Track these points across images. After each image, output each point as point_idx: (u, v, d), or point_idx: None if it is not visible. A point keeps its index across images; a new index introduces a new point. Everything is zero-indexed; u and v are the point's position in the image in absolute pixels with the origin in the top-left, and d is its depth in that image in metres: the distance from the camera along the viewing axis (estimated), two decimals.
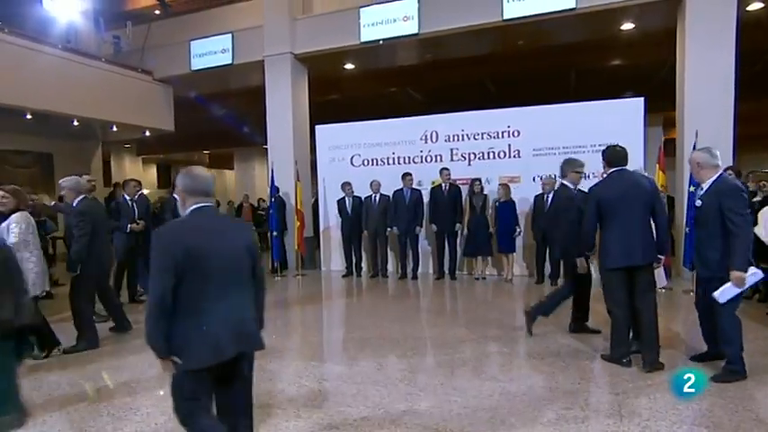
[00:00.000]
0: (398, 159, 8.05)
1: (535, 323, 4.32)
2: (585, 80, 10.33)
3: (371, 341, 4.40)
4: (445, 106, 8.41)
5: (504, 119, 7.51)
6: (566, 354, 3.85)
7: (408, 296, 6.58)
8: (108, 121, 9.51)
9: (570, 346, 4.05)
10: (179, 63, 9.79)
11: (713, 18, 6.60)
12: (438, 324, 4.87)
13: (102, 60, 9.30)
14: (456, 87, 11.00)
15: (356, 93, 11.52)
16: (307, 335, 4.81)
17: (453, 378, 3.42)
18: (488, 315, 5.26)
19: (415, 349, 4.11)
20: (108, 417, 2.93)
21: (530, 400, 2.99)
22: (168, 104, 10.35)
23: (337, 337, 4.77)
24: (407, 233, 7.46)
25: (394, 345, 4.24)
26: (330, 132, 8.54)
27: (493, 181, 7.42)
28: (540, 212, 6.70)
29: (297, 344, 4.44)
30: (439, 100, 11.34)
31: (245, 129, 12.68)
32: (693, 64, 6.74)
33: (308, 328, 5.11)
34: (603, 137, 6.92)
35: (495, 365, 3.69)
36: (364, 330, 5.03)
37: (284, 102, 8.95)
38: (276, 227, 8.06)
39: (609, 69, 10.25)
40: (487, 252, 7.12)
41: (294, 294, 7.05)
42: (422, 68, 10.13)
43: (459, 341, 4.27)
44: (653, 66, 9.06)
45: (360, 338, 4.60)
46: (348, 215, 7.86)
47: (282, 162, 8.74)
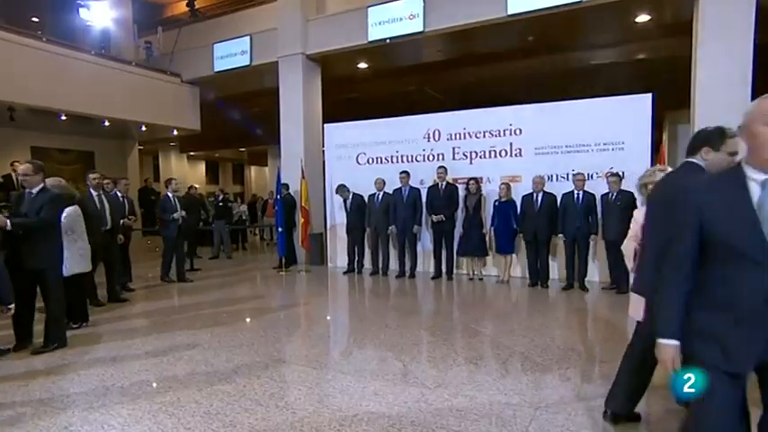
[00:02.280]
0: (402, 158, 7.97)
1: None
2: (600, 76, 9.77)
3: (322, 338, 4.40)
4: (464, 104, 8.22)
5: (505, 117, 7.25)
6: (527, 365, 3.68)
7: (390, 295, 6.54)
8: (137, 122, 9.98)
9: (522, 353, 3.86)
10: (204, 65, 10.14)
11: (730, 7, 6.04)
12: (400, 325, 4.77)
13: (133, 65, 9.77)
14: (473, 86, 10.73)
15: (373, 92, 11.48)
16: (269, 334, 4.86)
17: (373, 382, 3.34)
18: (461, 318, 5.13)
19: (358, 348, 4.07)
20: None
21: (452, 412, 2.87)
22: (195, 105, 10.75)
23: (294, 334, 4.78)
24: (405, 231, 7.38)
25: (336, 344, 4.23)
26: (338, 131, 8.58)
27: (494, 180, 7.20)
28: (531, 213, 6.43)
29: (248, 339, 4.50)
30: (458, 98, 11.12)
31: (270, 127, 12.96)
32: (707, 57, 6.20)
33: (273, 327, 5.16)
34: (608, 135, 6.62)
35: (434, 371, 3.57)
36: (320, 327, 5.03)
37: (296, 101, 9.06)
38: (281, 223, 8.19)
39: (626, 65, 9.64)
40: (481, 252, 6.92)
41: (283, 289, 7.16)
42: (437, 66, 9.95)
43: (412, 343, 4.18)
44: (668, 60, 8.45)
45: (313, 335, 4.60)
46: (349, 212, 7.87)
47: (293, 160, 8.87)
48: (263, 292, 6.84)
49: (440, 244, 7.28)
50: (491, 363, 3.69)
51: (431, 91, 11.56)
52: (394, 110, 8.62)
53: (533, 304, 5.72)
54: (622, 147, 6.54)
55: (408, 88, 11.33)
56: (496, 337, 4.44)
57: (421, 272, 7.64)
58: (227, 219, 10.62)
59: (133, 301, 6.05)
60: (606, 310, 5.46)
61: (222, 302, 6.00)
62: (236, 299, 6.27)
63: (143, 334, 4.60)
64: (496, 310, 5.65)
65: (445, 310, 5.62)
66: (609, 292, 6.11)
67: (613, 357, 3.69)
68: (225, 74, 10.03)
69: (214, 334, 4.55)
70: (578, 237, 6.19)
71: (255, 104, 12.05)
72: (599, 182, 6.46)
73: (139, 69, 9.83)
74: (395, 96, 11.49)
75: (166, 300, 6.25)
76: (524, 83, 10.43)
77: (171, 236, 7.22)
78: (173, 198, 7.19)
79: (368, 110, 9.79)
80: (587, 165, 6.63)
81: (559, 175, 6.85)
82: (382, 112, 8.49)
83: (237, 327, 4.81)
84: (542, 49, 9.05)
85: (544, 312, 5.31)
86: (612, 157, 6.55)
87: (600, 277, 6.68)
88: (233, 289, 6.96)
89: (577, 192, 6.23)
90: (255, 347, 4.13)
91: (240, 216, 12.47)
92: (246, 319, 5.20)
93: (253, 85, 10.81)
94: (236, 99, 11.82)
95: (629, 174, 6.31)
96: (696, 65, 6.36)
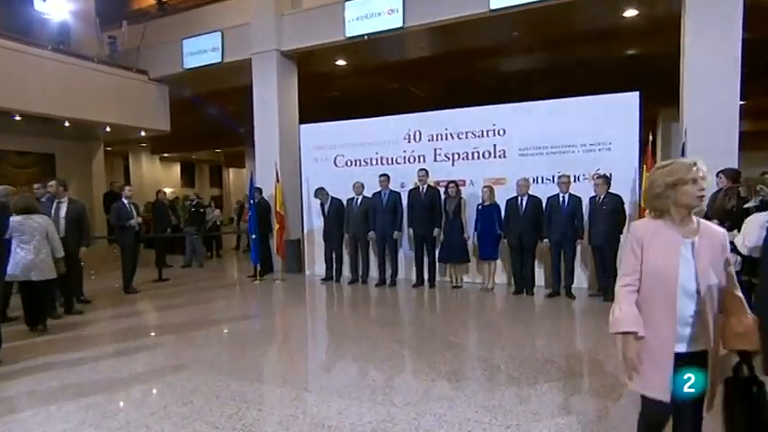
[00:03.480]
0: (381, 160, 7.96)
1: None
2: (592, 73, 9.88)
3: (289, 353, 4.37)
4: (449, 103, 8.24)
5: (489, 117, 7.27)
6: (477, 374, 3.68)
7: (368, 305, 6.54)
8: (101, 123, 9.84)
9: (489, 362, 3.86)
10: (173, 62, 10.03)
11: (717, 1, 6.14)
12: (374, 338, 4.75)
13: (96, 61, 9.63)
14: (458, 83, 10.78)
15: (352, 90, 11.48)
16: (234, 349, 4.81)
17: (338, 400, 3.31)
18: (440, 329, 5.11)
19: (327, 364, 4.04)
20: None
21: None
22: (163, 104, 10.63)
23: (261, 349, 4.74)
24: (385, 237, 7.37)
25: (303, 359, 4.22)
26: (315, 132, 8.54)
27: (477, 183, 7.22)
28: (515, 217, 6.46)
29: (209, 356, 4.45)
30: (442, 97, 11.17)
31: (247, 128, 12.90)
32: (695, 52, 6.29)
33: (239, 341, 5.10)
34: (594, 135, 6.69)
35: (404, 387, 3.55)
36: (289, 341, 5.00)
37: (270, 101, 9.01)
38: (255, 229, 8.13)
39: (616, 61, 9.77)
40: (461, 258, 6.94)
41: (254, 300, 7.13)
42: (420, 63, 9.97)
43: (385, 357, 4.16)
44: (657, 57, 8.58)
45: (280, 349, 4.57)
46: (327, 217, 7.84)
47: (268, 162, 8.82)
48: (232, 303, 6.78)
49: (421, 250, 7.27)
50: (465, 378, 3.68)
51: (414, 89, 11.59)
52: (375, 109, 8.63)
53: (516, 313, 5.73)
54: (609, 147, 6.60)
55: (390, 86, 11.35)
56: (474, 349, 4.44)
57: (402, 279, 7.63)
58: (199, 225, 10.52)
59: (89, 314, 5.96)
60: (592, 319, 5.48)
61: (188, 315, 5.93)
62: (203, 311, 6.20)
63: (96, 349, 4.53)
64: (477, 319, 5.66)
65: (423, 321, 5.61)
66: (596, 300, 6.15)
67: (595, 370, 3.73)
68: (195, 71, 9.93)
69: (175, 350, 4.49)
70: (564, 242, 6.22)
71: (230, 103, 11.98)
72: (586, 184, 6.51)
73: (102, 66, 9.69)
74: (376, 95, 11.51)
75: (125, 312, 6.17)
76: (510, 81, 10.53)
77: (129, 244, 7.21)
78: (128, 204, 7.19)
79: (347, 109, 9.80)
80: (573, 166, 6.68)
81: (545, 178, 6.89)
82: (363, 112, 8.49)
83: (201, 341, 4.75)
84: (528, 46, 9.12)
85: (527, 322, 5.33)
86: (599, 158, 6.61)
87: (587, 284, 6.73)
88: (201, 300, 6.89)
89: (563, 195, 6.27)
90: (218, 364, 4.08)
91: (214, 222, 12.37)
92: (212, 332, 5.13)
93: (226, 83, 10.73)
94: (209, 98, 11.73)
95: (617, 176, 6.38)
96: (684, 60, 6.45)
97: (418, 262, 7.32)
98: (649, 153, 6.03)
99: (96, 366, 4.07)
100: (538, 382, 3.53)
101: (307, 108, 9.55)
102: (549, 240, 6.31)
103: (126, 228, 7.11)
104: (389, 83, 11.33)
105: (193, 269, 9.92)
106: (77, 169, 11.28)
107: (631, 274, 1.97)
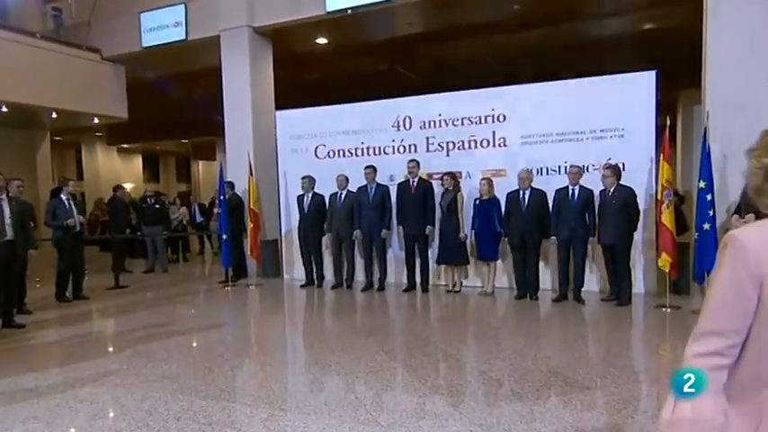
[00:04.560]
0: (367, 150, 7.94)
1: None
2: (603, 51, 9.91)
3: (263, 367, 4.30)
4: (443, 86, 8.21)
5: (487, 101, 7.25)
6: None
7: (352, 312, 6.51)
8: (45, 108, 9.66)
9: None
10: (130, 39, 9.90)
11: None
12: (359, 348, 4.70)
13: (38, 36, 9.42)
14: (452, 64, 10.75)
15: (335, 72, 11.45)
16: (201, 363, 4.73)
17: (316, 420, 3.25)
18: (433, 338, 5.09)
19: (306, 378, 3.99)
20: None
21: None
22: (119, 87, 10.48)
23: (230, 363, 4.67)
24: (372, 236, 7.33)
25: (279, 373, 4.18)
26: (293, 119, 8.50)
27: (475, 175, 7.20)
28: (517, 213, 6.45)
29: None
30: (435, 79, 11.14)
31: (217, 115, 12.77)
32: (719, 26, 6.25)
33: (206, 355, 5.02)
34: (605, 120, 6.68)
35: (391, 403, 3.50)
36: (263, 353, 4.95)
37: (242, 84, 8.93)
38: (226, 229, 8.03)
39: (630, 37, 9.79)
40: (460, 260, 6.92)
41: (225, 308, 7.07)
42: (410, 41, 9.94)
43: (371, 371, 4.11)
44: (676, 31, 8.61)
45: (253, 363, 4.50)
46: (305, 214, 7.78)
47: (240, 153, 8.72)
48: (200, 312, 6.71)
49: (412, 251, 7.26)
50: (461, 393, 3.64)
51: (403, 70, 11.57)
52: (360, 93, 8.59)
53: (519, 320, 5.72)
54: (622, 134, 6.60)
55: (377, 68, 11.33)
56: (470, 360, 4.41)
57: (392, 283, 7.62)
58: (163, 224, 10.38)
59: (31, 326, 5.84)
60: (603, 325, 5.49)
61: (147, 325, 5.84)
62: (166, 321, 6.10)
63: (38, 367, 4.42)
64: (475, 327, 5.65)
65: (415, 329, 5.57)
66: (608, 305, 6.15)
67: (607, 383, 3.71)
68: (156, 50, 9.81)
69: (131, 365, 4.40)
70: (573, 240, 6.21)
71: (198, 87, 11.85)
72: (595, 175, 6.51)
73: (46, 43, 9.48)
74: (361, 77, 11.45)
75: (74, 323, 6.07)
76: (510, 61, 10.51)
77: (65, 246, 7.07)
78: (67, 201, 7.07)
79: (329, 94, 9.73)
80: (582, 155, 6.67)
81: (549, 168, 6.89)
82: (346, 97, 8.45)
83: (162, 356, 4.66)
84: (531, 21, 9.10)
85: (530, 330, 5.32)
86: (611, 147, 6.61)
87: (599, 287, 6.74)
88: (164, 309, 6.80)
89: (573, 187, 6.25)
90: (181, 381, 4.00)
91: (180, 221, 12.24)
92: (175, 345, 5.05)
93: (192, 64, 10.63)
94: (174, 80, 11.57)
95: (631, 166, 6.41)
96: (707, 34, 6.39)
97: (409, 264, 7.31)
98: (667, 140, 6.01)
99: (36, 387, 3.96)
100: (542, 397, 3.50)
101: (284, 92, 9.47)
102: (556, 238, 6.30)
103: (63, 228, 6.97)
104: (376, 64, 11.30)
105: (156, 275, 9.81)
106: (19, 161, 11.07)
107: (727, 336, 1.16)
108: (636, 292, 6.36)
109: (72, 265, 7.24)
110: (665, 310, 5.77)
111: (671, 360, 4.35)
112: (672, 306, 5.78)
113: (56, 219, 6.99)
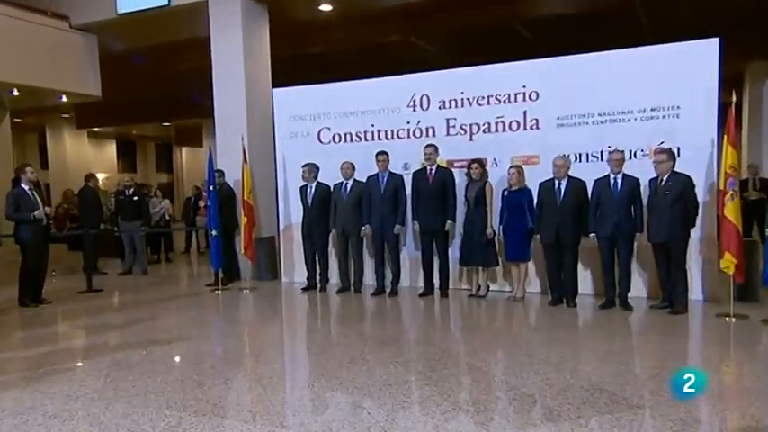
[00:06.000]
0: (379, 134, 8.01)
1: None
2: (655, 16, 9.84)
3: (260, 381, 4.35)
4: (465, 60, 8.19)
5: (517, 76, 7.27)
6: None
7: (362, 319, 6.55)
8: (5, 84, 9.70)
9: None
10: (103, 4, 9.96)
11: None
12: (371, 360, 4.75)
13: None
14: (476, 34, 10.74)
15: (341, 44, 11.51)
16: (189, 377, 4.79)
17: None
18: (455, 349, 5.14)
19: (309, 393, 4.03)
20: None
21: None
22: (92, 60, 10.54)
23: (223, 377, 4.72)
24: (383, 233, 7.37)
25: (278, 387, 4.25)
26: (292, 98, 8.57)
27: (503, 162, 7.23)
28: (551, 206, 6.46)
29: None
30: (456, 51, 11.14)
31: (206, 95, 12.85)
32: None
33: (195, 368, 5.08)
34: (657, 98, 6.68)
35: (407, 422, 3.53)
36: (260, 365, 4.99)
37: (234, 57, 8.99)
38: (216, 224, 8.10)
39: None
40: (487, 260, 6.95)
41: (215, 316, 7.13)
42: (428, 8, 9.96)
43: (384, 384, 4.14)
44: None
45: (250, 376, 4.55)
46: (309, 207, 7.84)
47: (232, 138, 8.79)
48: (187, 320, 6.76)
49: (430, 250, 7.28)
50: (489, 410, 3.65)
51: (419, 42, 11.57)
52: (369, 69, 8.61)
53: (554, 329, 5.73)
54: (677, 113, 6.57)
55: (389, 39, 11.33)
56: (499, 373, 4.43)
57: (406, 287, 7.68)
58: (143, 219, 10.47)
59: None
60: (654, 336, 5.48)
61: (127, 334, 5.91)
62: (147, 329, 6.18)
63: (2, 383, 4.48)
64: (504, 337, 5.68)
65: (434, 339, 5.61)
66: (659, 313, 6.14)
67: (656, 402, 3.70)
68: (134, 17, 9.85)
69: (109, 378, 4.46)
70: (618, 237, 6.20)
71: (181, 61, 11.96)
72: (645, 162, 6.49)
73: (4, 7, 9.49)
74: (370, 50, 11.47)
75: (41, 331, 6.13)
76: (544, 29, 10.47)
77: (32, 243, 7.13)
78: (30, 191, 7.14)
79: (334, 69, 9.81)
80: (628, 139, 6.67)
81: (590, 155, 6.89)
82: (353, 73, 8.51)
83: (145, 367, 4.72)
84: None
85: (568, 340, 5.34)
86: (664, 128, 6.58)
87: (649, 292, 6.73)
88: (145, 316, 6.87)
89: (615, 176, 6.24)
90: (167, 395, 4.06)
91: (163, 215, 12.34)
92: (159, 356, 5.11)
93: (176, 35, 10.71)
94: (155, 54, 11.66)
95: (687, 151, 6.38)
96: None
97: (426, 265, 7.34)
98: (732, 120, 5.95)
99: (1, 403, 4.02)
100: (584, 416, 3.50)
101: (282, 68, 9.55)
102: (596, 236, 6.30)
103: (28, 222, 7.04)
104: (387, 34, 11.34)
105: (135, 277, 9.91)
106: None
107: None
108: (693, 298, 6.34)
109: (38, 265, 7.30)
110: (728, 319, 5.74)
111: (737, 378, 4.34)
112: (737, 315, 5.76)
113: (19, 211, 7.07)
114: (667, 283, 6.16)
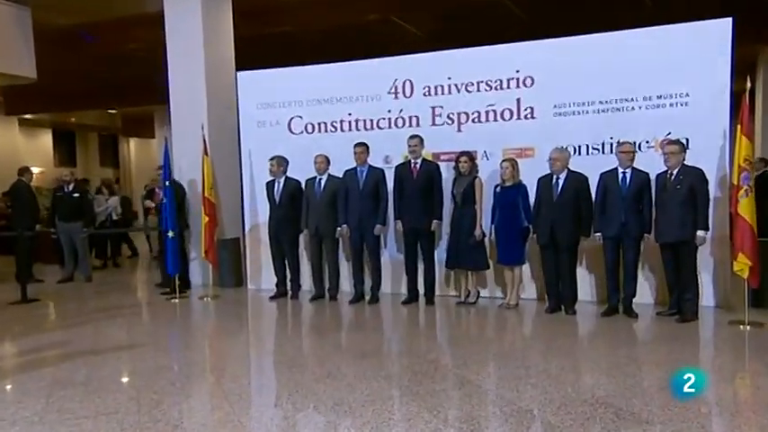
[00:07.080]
0: (357, 124, 8.04)
1: None
2: None
3: (227, 398, 4.34)
4: (452, 41, 8.27)
5: (510, 60, 7.34)
6: None
7: (339, 330, 6.58)
8: None
9: None
10: None
11: None
12: (350, 374, 4.76)
13: None
14: (465, 12, 10.81)
15: (314, 23, 11.50)
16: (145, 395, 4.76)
17: None
18: (444, 361, 5.15)
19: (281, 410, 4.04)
20: None
21: None
22: (25, 37, 10.29)
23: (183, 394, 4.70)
24: (362, 234, 7.39)
25: (247, 404, 4.29)
26: (259, 82, 8.55)
27: (494, 155, 7.29)
28: (548, 203, 6.53)
29: None
30: (442, 32, 11.21)
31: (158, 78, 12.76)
32: None
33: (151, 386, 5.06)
34: (664, 84, 6.77)
35: None
36: (225, 381, 4.98)
37: (192, 37, 8.95)
38: (172, 224, 8.04)
39: None
40: (477, 264, 7.00)
41: (172, 327, 7.07)
42: None
43: (366, 399, 4.15)
44: None
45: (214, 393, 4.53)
46: (276, 205, 7.83)
47: (190, 127, 8.75)
48: (139, 332, 6.71)
49: (414, 252, 7.31)
50: (482, 426, 3.69)
51: (400, 21, 11.63)
52: (346, 51, 8.62)
53: (552, 338, 5.80)
54: (686, 101, 6.67)
55: (367, 17, 11.35)
56: (493, 387, 4.46)
57: (388, 294, 7.71)
58: (84, 220, 10.31)
59: None
60: (662, 346, 5.56)
61: (69, 349, 5.83)
62: (93, 343, 6.10)
63: None
64: (497, 347, 5.74)
65: (420, 351, 5.61)
66: (667, 320, 6.24)
67: (667, 417, 3.77)
68: None
69: (51, 399, 4.39)
70: (624, 238, 6.28)
71: (130, 39, 11.84)
72: (651, 155, 6.59)
73: None
74: (347, 30, 11.47)
75: None
76: (540, 7, 10.58)
77: None
78: None
79: (306, 51, 9.77)
80: (633, 130, 6.76)
81: (591, 147, 6.98)
82: (328, 55, 8.51)
83: (93, 386, 4.67)
84: None
85: (568, 350, 5.40)
86: (671, 117, 6.67)
87: (655, 298, 6.84)
88: (90, 327, 6.80)
89: (623, 170, 6.30)
90: (121, 416, 4.01)
91: (109, 215, 12.21)
92: (110, 372, 5.06)
93: (124, 9, 10.60)
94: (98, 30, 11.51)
95: (698, 141, 6.46)
96: None
97: (410, 269, 7.37)
98: (745, 109, 6.06)
99: None
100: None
101: (248, 49, 9.51)
102: (601, 236, 6.38)
103: None
104: (367, 12, 11.36)
105: (77, 284, 9.81)
106: None
107: None
108: (704, 304, 6.45)
109: None
110: (742, 327, 5.85)
111: (753, 390, 4.44)
112: (752, 323, 5.86)
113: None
114: (676, 288, 6.24)
